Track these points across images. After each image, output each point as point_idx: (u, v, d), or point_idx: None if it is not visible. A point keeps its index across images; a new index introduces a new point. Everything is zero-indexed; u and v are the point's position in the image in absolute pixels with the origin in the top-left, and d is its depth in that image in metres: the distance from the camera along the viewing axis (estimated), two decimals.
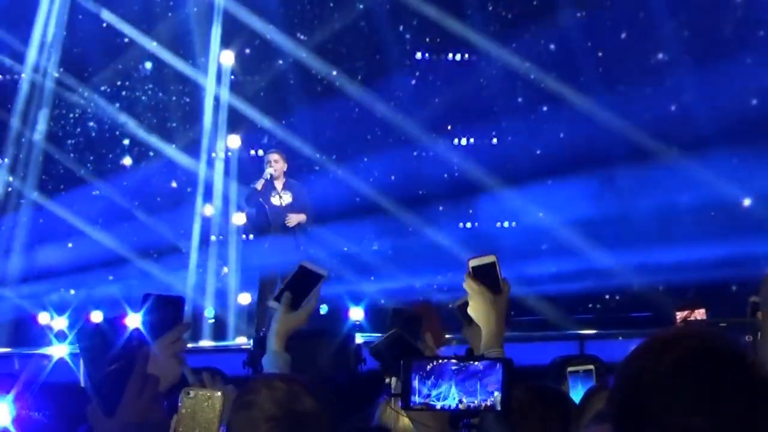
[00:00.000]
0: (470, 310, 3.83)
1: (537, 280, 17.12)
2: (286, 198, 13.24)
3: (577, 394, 4.86)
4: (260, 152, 15.69)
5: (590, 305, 16.70)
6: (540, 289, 16.80)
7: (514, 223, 17.69)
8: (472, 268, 3.83)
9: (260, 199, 13.17)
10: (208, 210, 16.34)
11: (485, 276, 3.83)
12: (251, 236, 14.93)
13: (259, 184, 13.16)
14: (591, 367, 4.92)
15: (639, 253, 16.55)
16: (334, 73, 17.17)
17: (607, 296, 16.83)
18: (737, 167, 16.56)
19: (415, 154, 17.62)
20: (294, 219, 13.24)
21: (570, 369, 4.93)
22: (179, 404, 2.58)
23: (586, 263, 16.76)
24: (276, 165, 13.26)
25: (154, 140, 16.93)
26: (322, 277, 4.29)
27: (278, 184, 13.24)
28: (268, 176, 13.15)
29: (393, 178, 17.48)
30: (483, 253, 3.91)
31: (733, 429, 2.19)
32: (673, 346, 2.28)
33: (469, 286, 3.86)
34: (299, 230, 13.38)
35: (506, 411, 2.82)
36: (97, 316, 14.62)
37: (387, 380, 3.71)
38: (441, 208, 17.55)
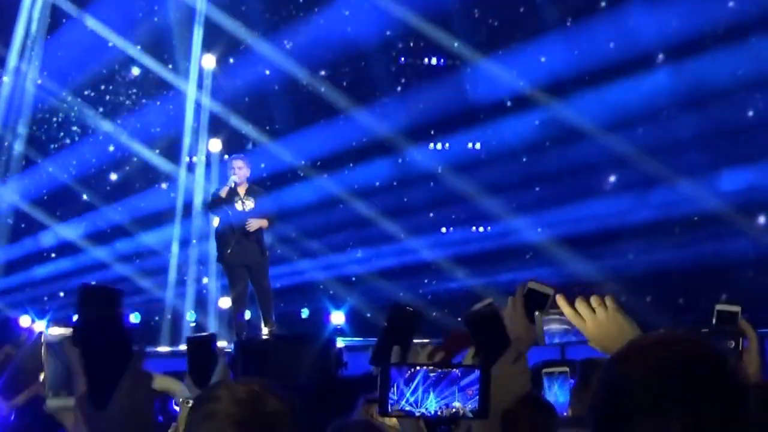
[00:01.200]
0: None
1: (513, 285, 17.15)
2: (249, 204, 13.17)
3: (551, 395, 4.87)
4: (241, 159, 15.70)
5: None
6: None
7: (489, 228, 17.70)
8: (529, 289, 3.73)
9: (224, 206, 13.15)
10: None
11: (533, 302, 3.74)
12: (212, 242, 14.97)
13: (223, 192, 13.11)
14: (566, 369, 4.93)
15: (623, 262, 16.67)
16: (318, 78, 17.17)
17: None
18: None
19: (399, 160, 17.61)
20: (254, 224, 13.15)
21: (545, 371, 4.94)
22: (178, 412, 2.56)
23: (565, 269, 16.84)
24: (240, 172, 13.18)
25: (135, 145, 16.92)
26: (214, 338, 4.14)
27: (241, 190, 13.18)
28: (233, 184, 13.09)
29: (377, 183, 17.51)
30: (544, 281, 3.82)
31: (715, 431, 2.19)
32: (654, 351, 2.28)
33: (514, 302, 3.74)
34: (261, 236, 13.35)
35: (483, 417, 2.80)
36: (25, 321, 14.63)
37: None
38: (424, 213, 17.57)
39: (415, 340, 4.06)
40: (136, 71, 17.12)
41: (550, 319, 3.21)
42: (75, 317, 2.84)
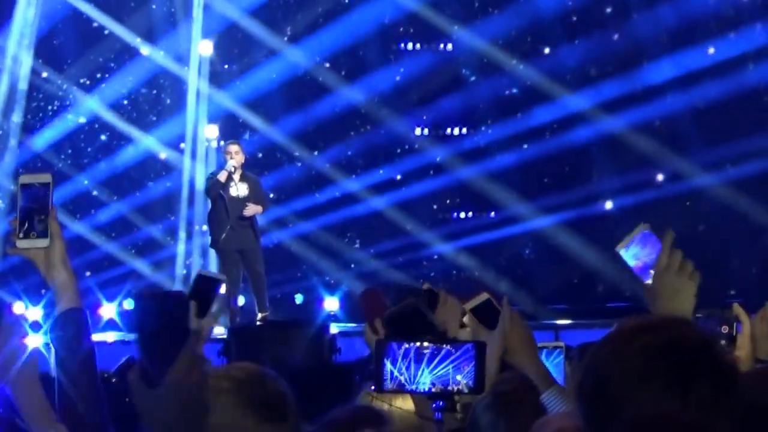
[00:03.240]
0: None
1: (512, 270, 17.21)
2: (243, 189, 13.20)
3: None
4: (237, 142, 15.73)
5: (567, 295, 16.75)
6: (516, 279, 16.89)
7: (490, 212, 17.70)
8: (470, 310, 3.79)
9: (220, 191, 13.15)
10: None
11: (485, 313, 3.79)
12: (204, 227, 14.94)
13: (222, 176, 13.10)
14: (561, 344, 4.97)
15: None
16: (316, 64, 17.18)
17: (577, 282, 16.92)
18: None
19: (389, 141, 17.61)
20: (251, 209, 13.19)
21: (540, 344, 4.98)
22: None
23: (562, 253, 16.88)
24: (236, 156, 13.20)
25: (133, 131, 16.91)
26: (221, 282, 4.22)
27: (235, 176, 13.19)
28: (232, 168, 13.10)
29: (381, 172, 17.54)
30: (475, 294, 3.86)
31: (702, 411, 2.20)
32: (642, 333, 2.30)
33: (471, 327, 3.80)
34: (255, 221, 13.39)
35: (479, 392, 2.83)
36: (18, 307, 14.62)
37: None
38: (424, 201, 17.59)
39: None
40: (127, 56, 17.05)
41: (639, 236, 3.20)
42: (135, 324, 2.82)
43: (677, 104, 17.09)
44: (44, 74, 16.69)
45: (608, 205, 17.56)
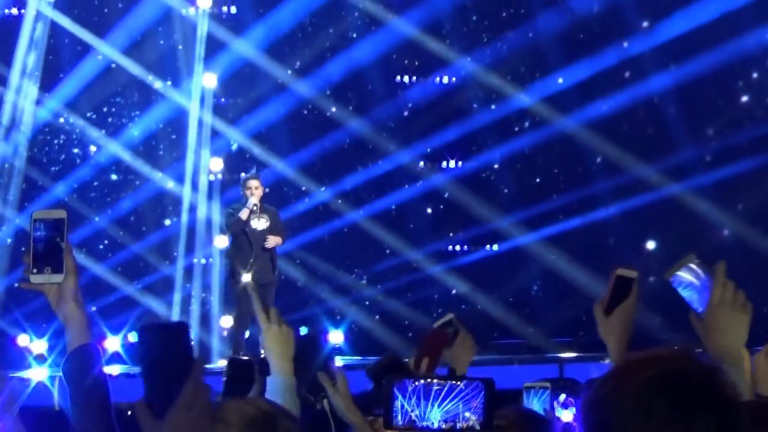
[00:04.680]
0: None
1: (517, 303, 17.18)
2: (263, 222, 13.33)
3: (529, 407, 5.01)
4: (242, 175, 15.76)
5: (572, 328, 16.73)
6: (521, 313, 16.86)
7: (495, 246, 17.71)
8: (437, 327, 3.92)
9: (244, 227, 13.29)
10: (222, 242, 16.28)
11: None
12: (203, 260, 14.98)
13: (244, 214, 13.23)
14: (547, 384, 5.05)
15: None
16: (319, 96, 17.23)
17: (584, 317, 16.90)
18: None
19: (401, 178, 17.63)
20: (272, 241, 13.34)
21: (526, 385, 5.06)
22: None
23: (567, 284, 16.86)
24: (257, 192, 13.33)
25: (138, 164, 16.93)
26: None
27: (252, 212, 13.31)
28: (253, 206, 13.23)
29: (374, 199, 17.54)
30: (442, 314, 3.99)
31: None
32: (644, 367, 2.30)
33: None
34: (275, 254, 13.50)
35: (488, 429, 2.85)
36: (23, 340, 14.60)
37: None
38: (427, 232, 17.58)
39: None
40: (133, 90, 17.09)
41: (687, 267, 3.21)
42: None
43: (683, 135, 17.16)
44: (51, 106, 16.73)
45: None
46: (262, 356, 12.32)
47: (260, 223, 13.30)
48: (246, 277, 13.28)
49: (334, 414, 4.31)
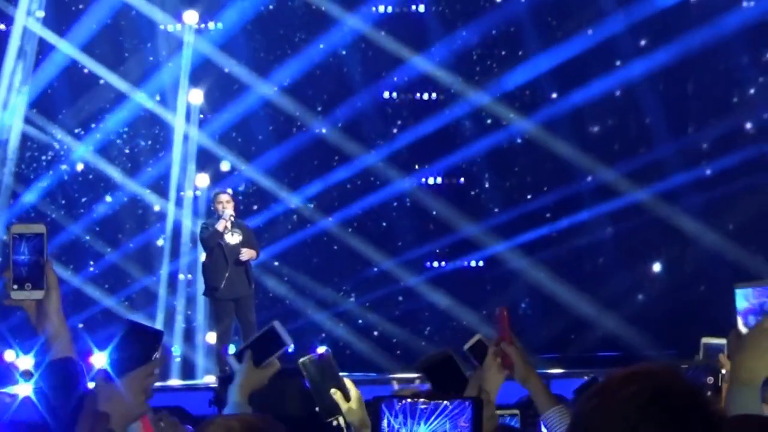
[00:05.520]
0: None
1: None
2: (236, 237, 13.38)
3: None
4: (229, 191, 15.74)
5: (558, 344, 16.73)
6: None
7: (480, 263, 17.71)
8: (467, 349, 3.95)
9: (219, 240, 13.32)
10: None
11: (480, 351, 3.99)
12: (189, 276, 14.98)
13: (220, 225, 13.26)
14: (516, 412, 5.07)
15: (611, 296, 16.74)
16: (303, 112, 17.22)
17: (573, 336, 16.90)
18: None
19: (385, 192, 17.61)
20: (246, 254, 13.38)
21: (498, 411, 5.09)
22: None
23: (553, 303, 16.87)
24: (228, 205, 13.41)
25: (124, 180, 16.91)
26: (286, 345, 4.32)
27: (228, 224, 13.37)
28: (229, 217, 13.28)
29: (361, 217, 17.54)
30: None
31: None
32: (629, 383, 2.31)
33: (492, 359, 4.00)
34: (250, 267, 13.54)
35: None
36: (9, 355, 14.56)
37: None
38: (409, 247, 17.57)
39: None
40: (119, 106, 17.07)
41: (761, 287, 3.19)
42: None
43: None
44: (38, 123, 16.70)
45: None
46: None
47: (233, 238, 13.37)
48: (222, 293, 13.29)
49: (350, 430, 4.33)
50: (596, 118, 17.77)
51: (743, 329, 3.14)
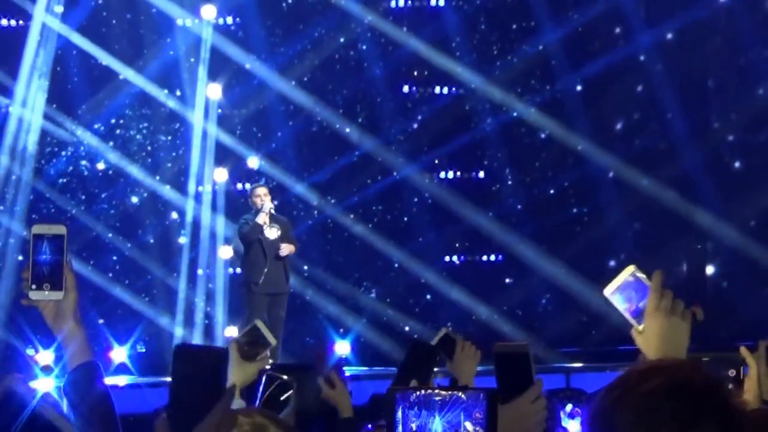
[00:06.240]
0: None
1: (523, 314, 17.16)
2: (275, 231, 13.36)
3: None
4: (247, 185, 15.74)
5: (578, 338, 16.70)
6: (526, 323, 16.84)
7: (500, 256, 17.68)
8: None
9: (258, 235, 13.34)
10: (226, 253, 16.34)
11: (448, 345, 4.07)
12: (239, 269, 14.95)
13: (261, 218, 13.27)
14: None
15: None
16: (320, 106, 17.22)
17: (594, 332, 16.86)
18: None
19: (402, 187, 17.60)
20: (286, 249, 13.40)
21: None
22: None
23: (572, 296, 16.84)
24: (266, 198, 13.40)
25: (142, 176, 16.92)
26: (270, 345, 4.31)
27: (267, 218, 13.36)
28: (268, 210, 13.30)
29: (381, 212, 17.53)
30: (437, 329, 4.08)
31: None
32: (648, 377, 2.30)
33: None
34: (288, 263, 13.56)
35: None
36: (29, 351, 14.58)
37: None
38: (426, 241, 17.55)
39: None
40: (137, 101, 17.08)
41: (626, 281, 3.18)
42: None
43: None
44: (57, 119, 16.74)
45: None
46: (268, 367, 12.32)
47: (272, 232, 13.35)
48: (261, 287, 13.29)
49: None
50: (618, 113, 17.71)
51: (639, 327, 3.11)
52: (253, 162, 16.91)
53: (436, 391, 2.88)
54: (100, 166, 17.03)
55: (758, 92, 17.45)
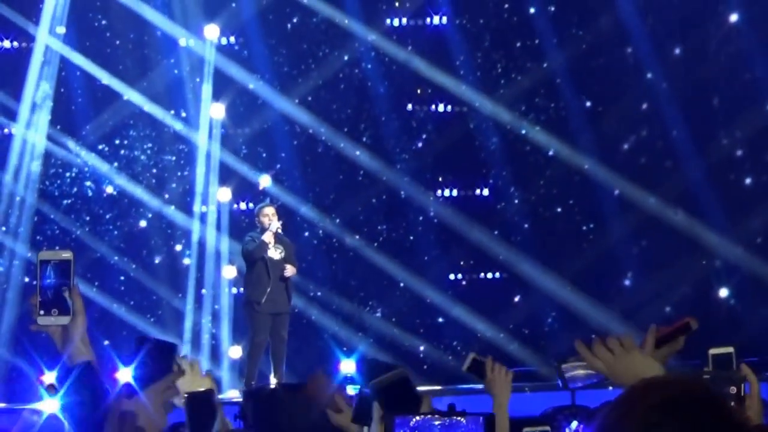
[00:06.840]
0: None
1: (527, 331, 17.13)
2: (278, 252, 13.40)
3: None
4: (251, 205, 15.73)
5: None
6: (529, 341, 16.82)
7: (506, 275, 17.63)
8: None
9: (263, 254, 13.37)
10: (230, 272, 16.34)
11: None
12: (242, 289, 14.95)
13: (267, 237, 13.31)
14: (547, 428, 5.04)
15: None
16: (324, 125, 17.21)
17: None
18: None
19: (406, 206, 17.57)
20: (290, 270, 13.43)
21: (525, 430, 5.03)
22: None
23: (576, 314, 16.80)
24: (274, 218, 13.44)
25: (147, 197, 16.91)
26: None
27: (273, 238, 13.39)
28: (276, 229, 13.34)
29: (386, 231, 17.51)
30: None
31: None
32: (652, 391, 2.30)
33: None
34: (291, 284, 13.58)
35: None
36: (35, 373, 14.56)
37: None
38: (431, 259, 17.51)
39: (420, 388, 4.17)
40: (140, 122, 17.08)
41: (574, 366, 3.27)
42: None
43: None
44: (61, 140, 16.74)
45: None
46: (272, 386, 12.30)
47: (277, 253, 13.40)
48: (263, 307, 13.29)
49: None
50: (623, 132, 17.68)
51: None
52: (266, 180, 16.89)
53: (435, 416, 2.87)
54: (106, 188, 16.99)
55: (764, 109, 17.41)
